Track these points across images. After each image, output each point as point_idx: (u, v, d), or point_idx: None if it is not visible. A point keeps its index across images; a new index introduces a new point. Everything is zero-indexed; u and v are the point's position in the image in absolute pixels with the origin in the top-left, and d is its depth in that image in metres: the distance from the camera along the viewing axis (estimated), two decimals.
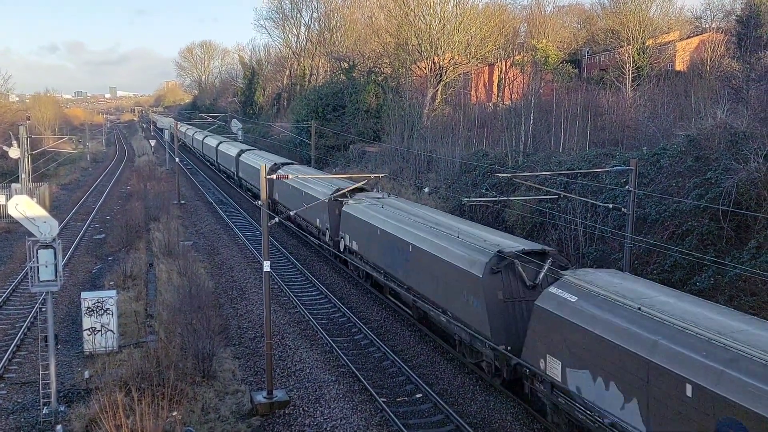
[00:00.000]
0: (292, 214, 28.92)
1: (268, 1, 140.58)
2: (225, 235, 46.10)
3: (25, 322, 27.63)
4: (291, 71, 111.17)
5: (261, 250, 24.49)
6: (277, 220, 22.01)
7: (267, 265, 20.77)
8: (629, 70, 55.01)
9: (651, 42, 61.04)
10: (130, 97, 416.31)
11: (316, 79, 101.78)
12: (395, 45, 71.07)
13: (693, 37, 65.86)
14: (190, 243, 42.49)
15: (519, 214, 35.37)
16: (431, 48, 64.91)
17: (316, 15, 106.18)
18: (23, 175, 49.31)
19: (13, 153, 49.41)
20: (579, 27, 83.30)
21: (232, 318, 28.81)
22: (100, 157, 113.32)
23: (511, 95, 66.50)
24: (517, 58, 69.60)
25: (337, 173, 56.98)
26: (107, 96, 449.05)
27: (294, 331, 27.14)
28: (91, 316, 24.26)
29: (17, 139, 50.76)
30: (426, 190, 48.67)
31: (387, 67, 76.37)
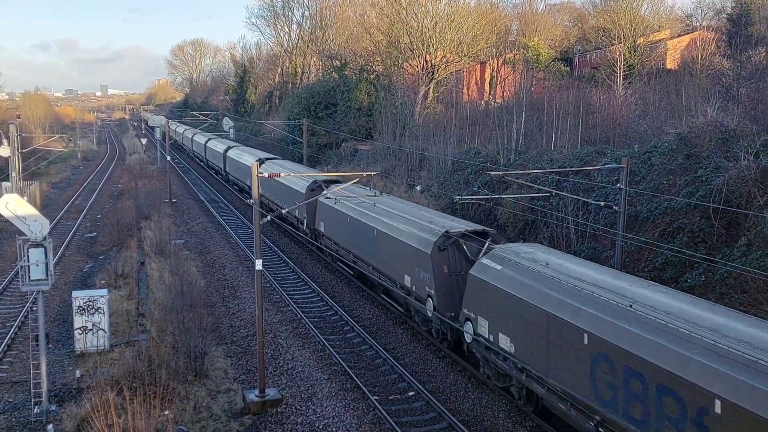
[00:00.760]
0: (284, 212, 28.95)
1: None
2: (217, 233, 46.00)
3: (15, 321, 27.51)
4: (283, 69, 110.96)
5: (253, 248, 24.47)
6: (269, 218, 21.97)
7: (259, 264, 20.74)
8: (620, 68, 55.16)
9: (642, 40, 61.19)
10: (122, 95, 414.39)
11: (308, 77, 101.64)
12: (387, 43, 70.99)
13: (684, 35, 66.08)
14: (182, 241, 42.38)
15: (511, 212, 35.43)
16: (423, 46, 64.90)
17: (307, 13, 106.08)
18: (13, 174, 49.07)
19: (3, 151, 49.20)
20: (570, 25, 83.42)
21: (224, 316, 28.76)
22: (91, 155, 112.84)
23: (502, 93, 66.65)
24: (508, 56, 69.68)
25: (329, 171, 57.13)
26: (98, 94, 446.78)
27: (286, 330, 27.12)
28: (82, 315, 24.17)
29: (7, 137, 50.51)
30: (418, 188, 48.69)
31: (379, 65, 76.30)
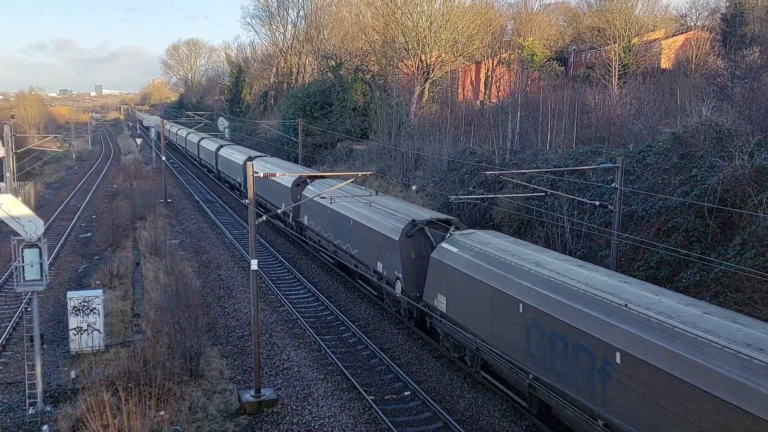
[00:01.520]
0: (280, 211, 29.04)
1: None
2: (212, 233, 45.95)
3: (10, 322, 27.42)
4: (278, 69, 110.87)
5: (248, 248, 24.45)
6: (264, 218, 21.95)
7: (254, 264, 20.72)
8: (615, 68, 55.28)
9: (637, 40, 61.32)
10: (116, 95, 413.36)
11: (303, 77, 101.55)
12: (382, 43, 70.97)
13: (678, 35, 66.27)
14: (177, 242, 42.32)
15: (506, 211, 35.46)
16: (418, 46, 64.90)
17: (302, 13, 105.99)
18: (8, 174, 48.97)
19: None
20: (565, 25, 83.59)
21: (220, 317, 28.72)
22: (85, 155, 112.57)
23: (498, 93, 66.72)
24: (503, 56, 69.75)
25: (325, 171, 57.19)
26: (93, 94, 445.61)
27: (282, 330, 27.10)
28: (77, 315, 24.12)
29: (1, 137, 50.39)
30: (414, 187, 48.67)
31: (374, 65, 76.28)
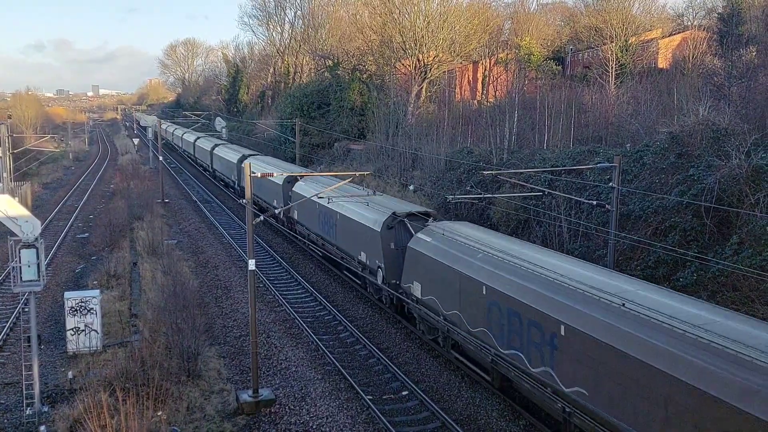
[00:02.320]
0: (277, 211, 29.03)
1: None
2: (209, 233, 45.92)
3: (7, 322, 27.40)
4: (275, 69, 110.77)
5: (246, 248, 24.43)
6: (261, 218, 21.94)
7: (252, 264, 20.71)
8: (612, 68, 55.28)
9: (634, 39, 61.32)
10: (113, 95, 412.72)
11: (301, 77, 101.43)
12: (380, 42, 70.90)
13: (675, 34, 66.27)
14: (174, 242, 42.29)
15: (504, 211, 35.48)
16: (416, 45, 64.87)
17: (300, 12, 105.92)
18: (5, 174, 48.87)
19: None
20: (563, 24, 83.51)
21: (217, 317, 28.71)
22: (82, 155, 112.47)
23: (495, 93, 66.72)
24: (501, 55, 69.73)
25: (322, 171, 57.25)
26: (90, 94, 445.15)
27: (279, 330, 27.09)
28: (74, 315, 24.10)
29: None
30: (411, 187, 48.69)
31: (372, 64, 76.24)
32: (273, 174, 25.17)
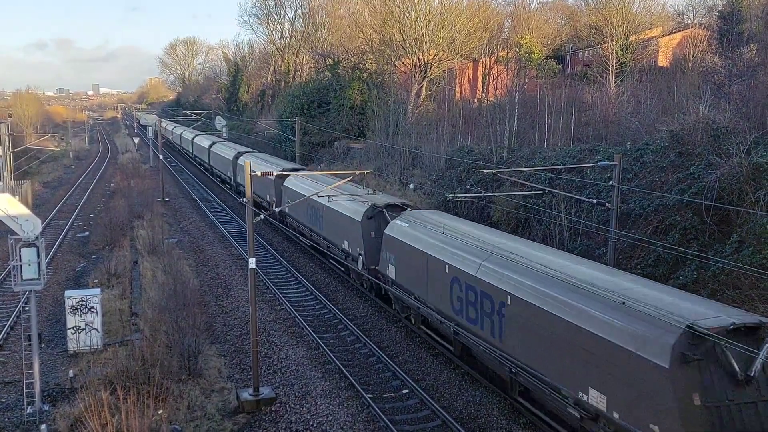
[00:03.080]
0: (278, 210, 29.08)
1: None
2: (210, 232, 45.93)
3: (8, 321, 27.41)
4: (275, 68, 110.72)
5: (246, 247, 24.43)
6: (262, 217, 21.95)
7: (252, 262, 20.72)
8: (612, 66, 55.27)
9: (634, 38, 61.28)
10: (113, 94, 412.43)
11: (301, 76, 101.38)
12: (380, 41, 70.83)
13: (675, 32, 66.21)
14: (175, 240, 42.29)
15: (504, 209, 35.48)
16: (416, 44, 64.81)
17: (300, 11, 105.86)
18: (5, 173, 48.89)
19: None
20: (563, 23, 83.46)
21: (218, 315, 28.73)
22: (83, 154, 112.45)
23: (495, 91, 66.64)
24: (501, 54, 69.66)
25: (322, 169, 57.34)
26: (90, 93, 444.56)
27: (280, 328, 27.11)
28: (75, 314, 24.10)
29: None
30: (411, 186, 48.69)
31: (372, 63, 76.14)
32: (273, 173, 25.25)
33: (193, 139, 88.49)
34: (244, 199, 21.38)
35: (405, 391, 21.35)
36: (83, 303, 24.23)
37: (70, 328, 24.18)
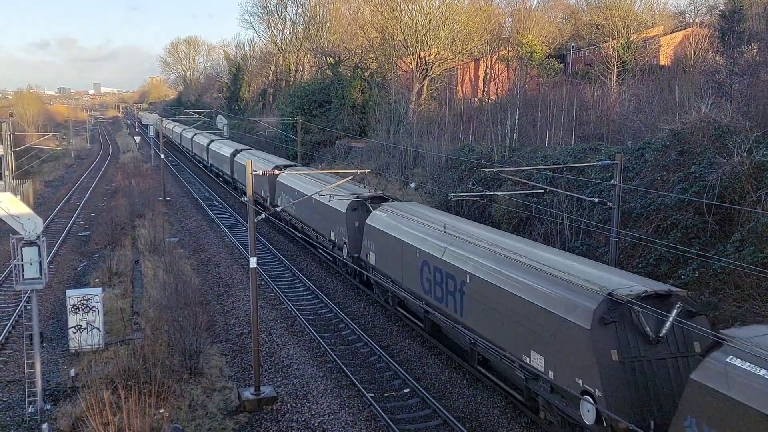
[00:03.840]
0: (279, 209, 29.13)
1: None
2: (211, 231, 45.95)
3: (9, 320, 27.43)
4: (276, 67, 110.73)
5: (247, 246, 24.44)
6: (263, 216, 21.95)
7: (253, 261, 20.73)
8: (614, 65, 55.27)
9: (635, 37, 61.27)
10: (115, 93, 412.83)
11: (302, 75, 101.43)
12: (381, 40, 70.82)
13: (677, 31, 66.21)
14: (176, 239, 42.30)
15: (505, 208, 35.47)
16: (417, 43, 64.79)
17: (301, 10, 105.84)
18: (6, 173, 48.94)
19: None
20: (564, 22, 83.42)
21: (219, 314, 28.73)
22: (84, 153, 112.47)
23: (496, 90, 66.67)
24: (502, 53, 69.66)
25: (324, 168, 57.37)
26: (91, 92, 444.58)
27: (281, 327, 27.11)
28: (76, 313, 24.11)
29: (0, 136, 50.29)
30: (412, 185, 48.69)
31: (373, 62, 76.11)
32: (274, 172, 25.32)
33: (192, 137, 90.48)
34: (245, 197, 21.37)
35: (406, 390, 21.36)
36: (85, 302, 24.23)
37: (71, 327, 24.20)
